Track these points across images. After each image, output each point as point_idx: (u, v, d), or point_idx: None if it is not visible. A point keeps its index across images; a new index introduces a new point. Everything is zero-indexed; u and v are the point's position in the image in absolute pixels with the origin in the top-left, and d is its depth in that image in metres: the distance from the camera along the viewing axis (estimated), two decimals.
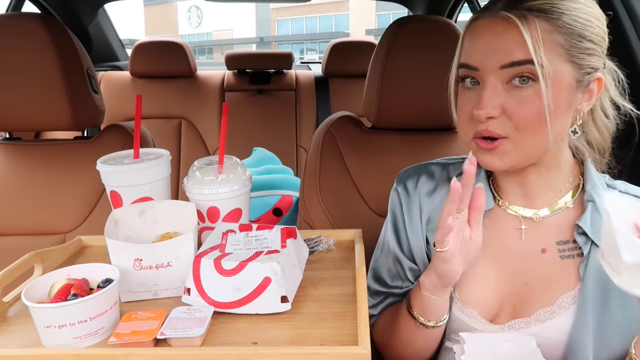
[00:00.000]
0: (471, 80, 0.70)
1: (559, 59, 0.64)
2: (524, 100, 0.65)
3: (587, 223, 0.71)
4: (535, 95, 0.64)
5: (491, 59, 0.66)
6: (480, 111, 0.66)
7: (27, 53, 1.06)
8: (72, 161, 1.18)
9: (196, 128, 2.25)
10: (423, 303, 0.72)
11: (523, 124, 0.65)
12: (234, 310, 0.65)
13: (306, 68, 2.73)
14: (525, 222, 0.75)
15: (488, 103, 0.65)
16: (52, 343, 0.60)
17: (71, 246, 0.88)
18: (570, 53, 0.64)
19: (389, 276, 0.85)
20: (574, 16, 0.64)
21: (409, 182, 0.85)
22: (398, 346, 0.80)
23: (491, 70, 0.66)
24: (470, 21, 0.71)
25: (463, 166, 0.63)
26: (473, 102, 0.68)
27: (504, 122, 0.66)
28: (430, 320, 0.73)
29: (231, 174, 0.82)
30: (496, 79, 0.66)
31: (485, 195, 0.65)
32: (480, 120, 0.67)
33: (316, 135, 1.20)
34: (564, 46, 0.64)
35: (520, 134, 0.66)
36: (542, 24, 0.63)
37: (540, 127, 0.65)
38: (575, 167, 0.76)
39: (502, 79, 0.66)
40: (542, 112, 0.64)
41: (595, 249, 0.70)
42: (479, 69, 0.67)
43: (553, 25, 0.63)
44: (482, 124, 0.67)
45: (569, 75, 0.65)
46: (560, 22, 0.64)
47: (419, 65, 1.09)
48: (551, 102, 0.64)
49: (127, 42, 2.99)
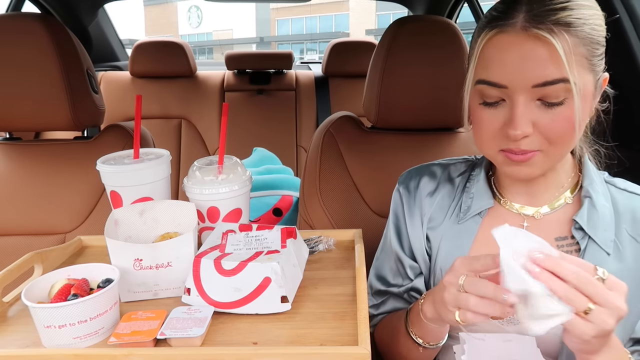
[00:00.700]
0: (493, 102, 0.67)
1: (584, 70, 0.64)
2: (556, 116, 0.64)
3: (584, 218, 0.72)
4: (567, 110, 0.64)
5: (523, 77, 0.63)
6: (516, 131, 0.64)
7: (27, 53, 1.06)
8: (72, 161, 1.18)
9: (196, 128, 2.25)
10: (423, 328, 0.72)
11: (556, 138, 0.65)
12: (234, 310, 0.65)
13: (306, 68, 2.73)
14: (526, 220, 0.76)
15: (523, 123, 0.64)
16: (52, 343, 0.60)
17: (71, 246, 0.88)
18: (591, 62, 0.64)
19: (390, 274, 0.87)
20: (592, 24, 0.63)
21: (410, 183, 0.86)
22: (396, 355, 0.81)
23: (523, 89, 0.64)
24: (487, 35, 0.67)
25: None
26: (500, 119, 0.67)
27: (536, 138, 0.66)
28: (428, 343, 0.73)
29: (231, 174, 0.82)
30: (526, 97, 0.64)
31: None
32: (515, 140, 0.65)
33: (316, 135, 1.20)
34: (587, 57, 0.63)
35: (552, 147, 0.66)
36: (569, 38, 0.62)
37: (571, 138, 0.66)
38: (574, 164, 0.77)
39: (532, 96, 0.64)
40: (574, 125, 0.64)
41: (592, 243, 0.71)
42: (507, 87, 0.65)
43: (578, 37, 0.62)
44: (513, 142, 0.66)
45: (591, 84, 0.65)
46: (583, 33, 0.62)
47: (419, 65, 1.09)
48: (580, 114, 0.64)
49: (127, 42, 2.99)
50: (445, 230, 0.80)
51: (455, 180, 0.83)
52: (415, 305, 0.74)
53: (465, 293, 0.59)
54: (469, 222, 0.78)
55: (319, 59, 2.92)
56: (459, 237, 0.78)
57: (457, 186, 0.82)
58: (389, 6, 3.55)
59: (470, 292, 0.58)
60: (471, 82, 0.70)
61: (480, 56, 0.68)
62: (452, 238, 0.79)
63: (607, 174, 0.78)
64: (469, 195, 0.80)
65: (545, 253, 0.55)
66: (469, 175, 0.82)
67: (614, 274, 0.69)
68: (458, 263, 0.62)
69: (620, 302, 0.54)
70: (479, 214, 0.78)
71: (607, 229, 0.71)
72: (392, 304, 0.86)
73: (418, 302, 0.73)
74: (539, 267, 0.54)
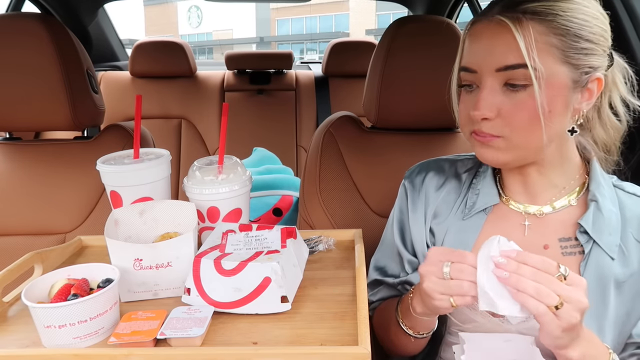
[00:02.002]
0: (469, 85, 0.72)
1: (554, 60, 0.65)
2: (518, 102, 0.66)
3: (589, 222, 0.71)
4: (529, 97, 0.65)
5: (488, 61, 0.67)
6: (476, 112, 0.68)
7: (27, 53, 1.06)
8: (72, 161, 1.18)
9: (196, 128, 2.25)
10: (412, 320, 0.73)
11: (517, 125, 0.67)
12: (234, 310, 0.65)
13: (306, 68, 2.73)
14: (528, 218, 0.76)
15: (484, 105, 0.68)
16: (52, 343, 0.60)
17: (71, 246, 0.88)
18: (566, 54, 0.65)
19: (388, 266, 0.88)
20: (569, 17, 0.64)
21: (416, 178, 0.87)
22: (387, 343, 0.84)
23: (488, 72, 0.68)
24: (469, 25, 0.72)
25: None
26: (471, 103, 0.71)
27: (499, 123, 0.68)
28: (418, 333, 0.75)
29: (231, 174, 0.82)
30: (493, 81, 0.68)
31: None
32: (476, 121, 0.69)
33: (316, 135, 1.20)
34: (559, 47, 0.64)
35: (513, 134, 0.68)
36: (535, 27, 0.64)
37: (534, 129, 0.67)
38: (581, 165, 0.77)
39: (498, 81, 0.67)
40: (537, 114, 0.65)
41: (597, 247, 0.71)
42: (477, 71, 0.69)
43: (547, 27, 0.64)
44: (477, 124, 0.70)
45: (564, 76, 0.66)
46: (555, 23, 0.64)
47: (419, 65, 1.09)
48: (545, 104, 0.65)
49: (127, 42, 2.99)
50: (450, 225, 0.80)
51: (462, 176, 0.84)
52: (405, 298, 0.75)
53: (455, 280, 0.60)
54: (474, 218, 0.78)
55: (319, 59, 2.92)
56: (463, 232, 0.79)
57: (464, 182, 0.83)
58: (389, 6, 3.55)
59: (459, 278, 0.60)
60: (457, 72, 0.75)
61: (462, 46, 0.74)
62: (456, 233, 0.79)
63: (615, 178, 0.78)
64: (475, 192, 0.80)
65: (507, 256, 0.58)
66: (476, 172, 0.83)
67: (618, 278, 0.70)
68: (433, 253, 0.64)
69: (581, 296, 0.56)
70: (483, 211, 0.78)
71: (612, 234, 0.71)
72: (385, 292, 0.88)
73: (407, 296, 0.74)
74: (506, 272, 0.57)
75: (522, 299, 0.56)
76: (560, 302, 0.55)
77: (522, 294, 0.56)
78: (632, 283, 0.71)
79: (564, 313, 0.55)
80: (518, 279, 0.56)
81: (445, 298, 0.61)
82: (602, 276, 0.70)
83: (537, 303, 0.56)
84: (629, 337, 0.72)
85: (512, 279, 0.57)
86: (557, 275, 0.57)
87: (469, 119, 0.71)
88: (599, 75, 0.68)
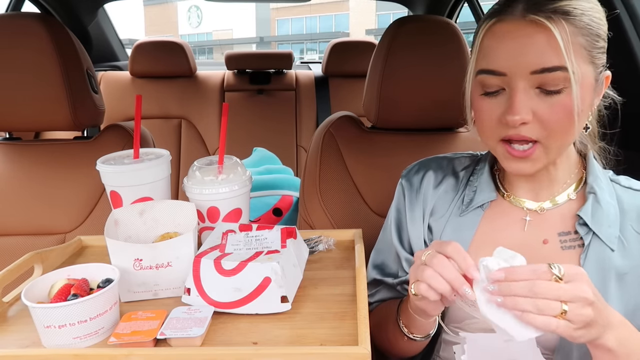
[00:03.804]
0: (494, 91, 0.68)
1: (583, 60, 0.64)
2: (554, 104, 0.64)
3: (588, 214, 0.72)
4: (566, 99, 0.64)
5: (521, 63, 0.64)
6: (514, 117, 0.65)
7: (26, 53, 1.06)
8: (72, 161, 1.18)
9: (196, 128, 2.25)
10: (409, 318, 0.73)
11: (555, 128, 0.65)
12: (234, 310, 0.65)
13: (306, 68, 2.73)
14: (530, 214, 0.76)
15: (522, 109, 0.64)
16: (52, 343, 0.60)
17: (71, 246, 0.88)
18: (591, 54, 0.65)
19: (386, 265, 0.88)
20: (590, 16, 0.64)
21: (414, 177, 0.87)
22: (386, 344, 0.83)
23: (521, 75, 0.64)
24: (487, 25, 0.68)
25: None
26: (500, 108, 0.67)
27: (535, 127, 0.66)
28: (416, 335, 0.74)
29: (231, 174, 0.82)
30: (526, 84, 0.65)
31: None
32: (514, 126, 0.66)
33: (316, 135, 1.20)
34: (586, 47, 0.64)
35: (551, 138, 0.66)
36: (568, 26, 0.63)
37: (570, 129, 0.66)
38: (578, 160, 0.77)
39: (531, 83, 0.65)
40: (572, 115, 0.64)
41: (596, 239, 0.71)
42: (506, 74, 0.66)
43: (577, 27, 0.63)
44: (513, 129, 0.66)
45: (590, 75, 0.66)
46: (582, 23, 0.63)
47: (419, 65, 1.09)
48: (580, 104, 0.64)
49: (127, 42, 2.99)
50: (447, 222, 0.80)
51: (460, 174, 0.84)
52: (404, 300, 0.75)
53: (424, 265, 0.60)
54: (471, 215, 0.79)
55: (319, 59, 2.92)
56: (460, 229, 0.79)
57: (461, 180, 0.83)
58: (389, 6, 3.55)
59: (429, 265, 0.60)
60: (472, 74, 0.71)
61: (480, 47, 0.69)
62: (453, 230, 0.79)
63: (611, 173, 0.78)
64: (472, 189, 0.80)
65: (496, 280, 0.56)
66: (473, 170, 0.83)
67: (619, 269, 0.70)
68: (432, 244, 0.64)
69: (583, 290, 0.55)
70: (480, 207, 0.78)
71: (611, 225, 0.71)
72: (384, 294, 0.88)
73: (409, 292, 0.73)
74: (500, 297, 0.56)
75: (528, 319, 0.55)
76: (564, 308, 0.53)
77: (526, 314, 0.54)
78: (634, 276, 0.71)
79: (573, 315, 0.54)
80: (514, 301, 0.55)
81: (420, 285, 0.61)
82: (603, 268, 0.70)
83: (543, 318, 0.54)
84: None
85: (508, 302, 0.55)
86: (552, 278, 0.55)
87: (498, 125, 0.68)
88: (608, 72, 0.69)
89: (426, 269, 0.60)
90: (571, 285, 0.55)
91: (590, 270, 0.70)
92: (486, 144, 0.73)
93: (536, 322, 0.54)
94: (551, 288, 0.54)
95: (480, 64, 0.69)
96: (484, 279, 0.57)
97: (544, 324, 0.54)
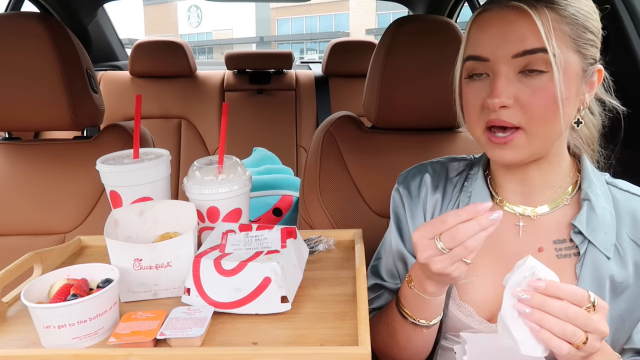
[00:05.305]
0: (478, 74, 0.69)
1: (567, 48, 0.65)
2: (536, 89, 0.65)
3: (583, 222, 0.71)
4: (548, 83, 0.64)
5: (503, 48, 0.65)
6: (494, 100, 0.65)
7: (26, 53, 1.06)
8: (72, 161, 1.18)
9: (196, 128, 2.25)
10: (416, 304, 0.71)
11: (537, 113, 0.65)
12: (234, 310, 0.65)
13: (306, 68, 2.73)
14: (523, 219, 0.75)
15: (502, 92, 0.65)
16: (52, 343, 0.60)
17: (71, 246, 0.88)
18: (577, 43, 0.65)
19: (387, 274, 0.86)
20: (577, 7, 0.66)
21: (411, 183, 0.86)
22: (394, 347, 0.80)
23: (503, 59, 0.66)
24: (476, 14, 0.71)
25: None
26: (483, 93, 0.68)
27: (517, 112, 0.66)
28: (423, 320, 0.72)
29: (231, 174, 0.81)
30: (508, 69, 0.66)
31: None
32: (493, 110, 0.66)
33: (316, 135, 1.20)
34: (571, 36, 0.65)
35: (534, 124, 0.66)
36: (551, 14, 0.64)
37: (554, 116, 0.65)
38: (572, 164, 0.76)
39: (513, 68, 0.66)
40: (555, 101, 0.64)
41: (592, 247, 0.70)
42: (489, 60, 0.67)
43: (560, 15, 0.64)
44: (494, 113, 0.66)
45: (576, 64, 0.66)
46: (567, 12, 0.65)
47: (419, 65, 1.09)
48: (563, 90, 0.64)
49: (127, 41, 2.99)
50: None
51: (454, 180, 0.83)
52: (403, 287, 0.73)
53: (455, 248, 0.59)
54: None
55: (319, 59, 2.92)
56: None
57: (455, 185, 0.82)
58: (389, 6, 3.55)
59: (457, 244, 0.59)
60: (460, 64, 0.72)
61: (467, 37, 0.71)
62: None
63: (608, 175, 0.77)
64: (467, 194, 0.79)
65: (534, 287, 0.56)
66: (467, 175, 0.82)
67: (615, 278, 0.70)
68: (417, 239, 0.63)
69: (605, 325, 0.55)
70: None
71: (607, 232, 0.71)
72: (385, 299, 0.86)
73: (405, 284, 0.72)
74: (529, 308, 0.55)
75: (545, 337, 0.54)
76: (585, 338, 0.53)
77: (545, 332, 0.54)
78: (626, 287, 0.70)
79: (587, 346, 0.54)
80: (542, 316, 0.54)
81: (458, 265, 0.61)
82: (599, 277, 0.70)
83: (560, 343, 0.54)
84: (627, 342, 0.72)
85: (535, 315, 0.55)
86: (586, 307, 0.55)
87: (481, 111, 0.68)
88: (600, 66, 0.69)
89: (463, 248, 0.59)
90: (597, 317, 0.55)
91: (586, 280, 0.70)
92: (473, 134, 0.73)
93: (552, 343, 0.54)
94: (582, 316, 0.54)
95: (466, 51, 0.71)
96: (523, 282, 0.57)
97: (557, 347, 0.54)
